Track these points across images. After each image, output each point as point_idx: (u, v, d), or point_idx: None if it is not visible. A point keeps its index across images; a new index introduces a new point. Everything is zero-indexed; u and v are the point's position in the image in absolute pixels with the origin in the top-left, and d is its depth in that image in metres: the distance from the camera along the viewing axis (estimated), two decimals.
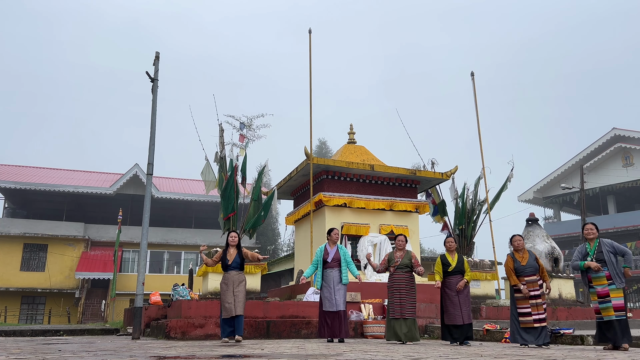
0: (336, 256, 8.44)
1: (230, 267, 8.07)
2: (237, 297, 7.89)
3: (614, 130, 35.16)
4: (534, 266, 7.53)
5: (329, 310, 8.25)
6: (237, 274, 8.05)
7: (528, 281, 7.47)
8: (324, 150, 41.52)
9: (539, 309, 7.38)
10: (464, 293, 8.12)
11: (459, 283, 8.07)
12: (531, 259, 7.56)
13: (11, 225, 30.02)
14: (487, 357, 5.23)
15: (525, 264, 7.53)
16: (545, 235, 16.22)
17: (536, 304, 7.40)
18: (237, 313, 7.82)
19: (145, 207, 11.35)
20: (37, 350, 6.05)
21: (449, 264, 8.21)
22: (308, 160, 13.68)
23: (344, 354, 5.45)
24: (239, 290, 7.95)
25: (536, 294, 7.42)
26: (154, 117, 12.05)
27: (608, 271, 6.74)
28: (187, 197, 32.13)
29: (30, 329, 14.18)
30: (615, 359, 5.29)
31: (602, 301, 6.74)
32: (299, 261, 15.63)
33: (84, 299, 28.67)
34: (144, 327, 11.53)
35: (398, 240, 8.46)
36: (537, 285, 7.46)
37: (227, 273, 8.10)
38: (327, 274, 8.40)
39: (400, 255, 8.35)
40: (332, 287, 8.29)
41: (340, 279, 8.33)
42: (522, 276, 7.51)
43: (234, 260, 8.08)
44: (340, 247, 8.59)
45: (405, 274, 8.24)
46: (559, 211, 39.48)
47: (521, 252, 7.66)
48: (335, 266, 8.40)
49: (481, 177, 15.91)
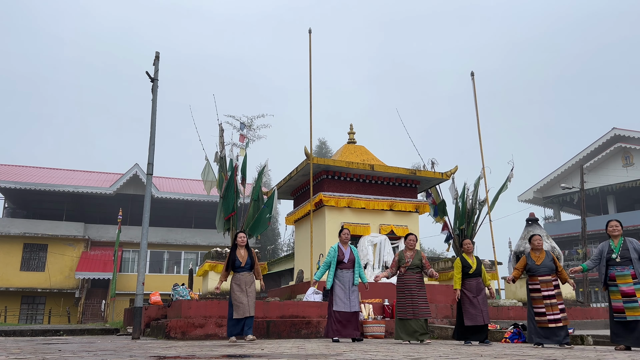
0: (351, 257, 8.41)
1: (241, 268, 8.17)
2: (250, 298, 8.05)
3: (614, 130, 35.17)
4: (548, 266, 7.47)
5: (343, 311, 8.19)
6: (248, 275, 8.19)
7: (541, 281, 7.44)
8: (324, 150, 41.53)
9: (553, 309, 7.29)
10: (482, 294, 8.15)
11: (489, 291, 8.25)
12: (547, 260, 7.51)
13: (11, 225, 30.02)
14: (487, 357, 5.23)
15: (540, 264, 7.49)
16: (545, 235, 16.22)
17: (550, 304, 7.32)
18: (251, 314, 7.99)
19: (145, 207, 11.35)
20: (37, 350, 6.04)
21: (470, 266, 8.20)
22: (308, 160, 13.67)
23: (344, 353, 5.45)
24: (251, 290, 8.10)
25: (550, 293, 7.35)
26: (154, 117, 12.05)
27: (634, 269, 6.57)
28: (187, 197, 32.13)
29: (30, 329, 14.18)
30: (615, 359, 5.29)
31: (628, 300, 6.52)
32: (299, 261, 15.62)
33: (84, 299, 28.68)
34: (144, 327, 11.53)
35: (409, 239, 8.38)
36: (552, 286, 7.40)
37: (239, 274, 8.18)
38: (342, 274, 8.32)
39: (410, 255, 8.26)
40: (348, 288, 8.25)
41: (354, 280, 8.33)
42: (536, 276, 7.50)
43: (245, 261, 8.20)
44: (352, 248, 8.58)
45: (415, 275, 8.18)
46: (559, 211, 39.50)
47: (538, 252, 7.60)
48: (351, 267, 8.37)
49: (481, 177, 15.91)
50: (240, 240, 8.32)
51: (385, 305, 11.59)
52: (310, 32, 15.20)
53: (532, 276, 7.53)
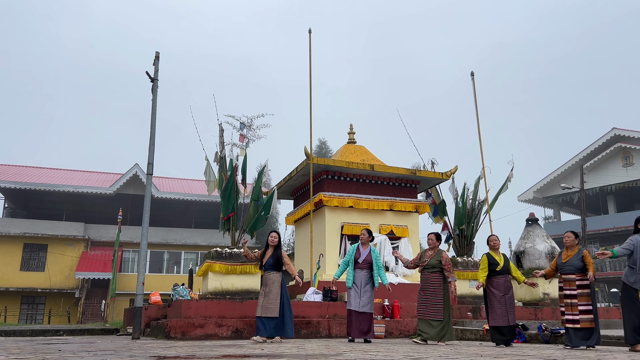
0: (368, 258, 8.38)
1: (265, 268, 8.25)
2: (269, 297, 8.06)
3: (614, 130, 35.18)
4: (575, 265, 7.20)
5: (353, 310, 8.23)
6: (274, 275, 8.22)
7: (565, 279, 7.26)
8: (324, 150, 41.51)
9: (572, 309, 7.06)
10: (509, 294, 7.87)
11: (534, 280, 7.93)
12: (575, 258, 7.24)
13: (11, 225, 30.02)
14: (487, 357, 5.23)
15: (565, 261, 7.30)
16: (545, 235, 16.23)
17: (570, 304, 7.09)
18: (269, 314, 7.98)
19: (145, 207, 11.35)
20: (37, 350, 6.04)
21: (497, 263, 7.92)
22: (308, 160, 13.68)
23: (344, 353, 5.45)
24: (272, 290, 8.11)
25: (572, 293, 7.11)
26: (154, 117, 12.05)
27: None
28: (187, 197, 32.14)
29: (30, 329, 14.17)
30: (615, 359, 5.30)
31: None
32: (299, 261, 15.63)
33: (84, 299, 28.68)
34: (144, 327, 11.54)
35: (428, 238, 8.23)
36: (575, 285, 7.14)
37: (265, 273, 8.28)
38: (356, 274, 8.35)
39: (430, 254, 8.11)
40: (360, 288, 8.27)
41: (370, 281, 8.31)
42: (561, 274, 7.35)
43: (267, 261, 8.25)
44: (373, 249, 8.52)
45: (431, 275, 8.01)
46: (559, 211, 39.51)
47: (570, 250, 7.38)
48: (365, 267, 8.35)
49: (481, 177, 15.91)
50: (271, 240, 8.37)
51: (385, 305, 11.60)
52: (310, 32, 15.20)
53: (560, 274, 7.40)
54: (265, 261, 8.25)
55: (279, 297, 8.09)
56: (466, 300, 13.72)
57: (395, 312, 11.51)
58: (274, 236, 8.40)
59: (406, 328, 11.07)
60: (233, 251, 12.09)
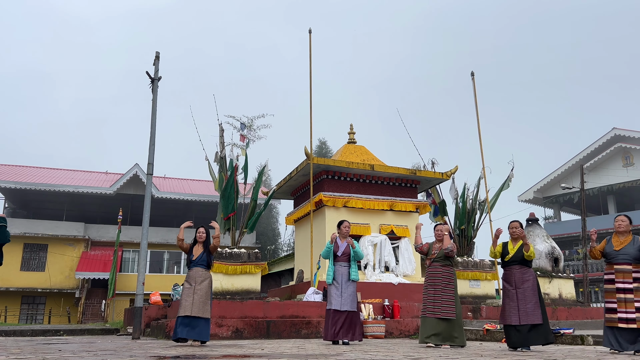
0: (346, 250, 7.84)
1: (193, 264, 7.66)
2: (196, 296, 7.34)
3: (614, 130, 35.18)
4: (631, 254, 6.10)
5: (336, 309, 7.54)
6: (201, 271, 7.63)
7: (617, 270, 6.11)
8: (324, 150, 41.52)
9: (627, 305, 5.95)
10: (523, 287, 6.67)
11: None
12: (631, 247, 6.14)
13: (11, 225, 29.93)
14: (487, 357, 5.23)
15: (619, 249, 6.18)
16: (545, 235, 16.24)
17: (625, 300, 5.98)
18: (195, 314, 7.23)
19: (146, 207, 11.36)
20: (37, 350, 6.04)
21: (507, 252, 6.85)
22: (308, 160, 13.67)
23: (344, 353, 5.45)
24: (200, 288, 7.43)
25: (627, 287, 6.00)
26: (154, 117, 12.06)
27: None
28: (187, 197, 32.14)
29: (30, 329, 14.17)
30: (615, 359, 5.30)
31: None
32: (299, 261, 15.63)
33: (84, 299, 28.69)
34: (144, 327, 11.54)
35: (437, 230, 7.58)
36: (631, 278, 6.03)
37: (190, 270, 7.67)
38: (336, 269, 7.76)
39: (439, 247, 7.48)
40: (341, 284, 7.64)
41: (349, 276, 7.70)
42: (612, 263, 6.20)
43: (198, 257, 7.68)
44: (354, 242, 7.99)
45: (441, 267, 7.37)
46: (559, 211, 39.50)
47: (622, 236, 6.29)
48: (345, 261, 7.79)
49: (481, 177, 15.92)
50: (198, 236, 7.89)
51: (385, 305, 11.60)
52: (311, 32, 15.19)
53: (609, 263, 6.26)
54: (194, 258, 7.67)
55: (209, 298, 7.52)
56: (466, 300, 13.73)
57: (395, 312, 11.51)
58: (201, 231, 7.85)
59: (406, 328, 11.08)
60: (233, 251, 12.10)
